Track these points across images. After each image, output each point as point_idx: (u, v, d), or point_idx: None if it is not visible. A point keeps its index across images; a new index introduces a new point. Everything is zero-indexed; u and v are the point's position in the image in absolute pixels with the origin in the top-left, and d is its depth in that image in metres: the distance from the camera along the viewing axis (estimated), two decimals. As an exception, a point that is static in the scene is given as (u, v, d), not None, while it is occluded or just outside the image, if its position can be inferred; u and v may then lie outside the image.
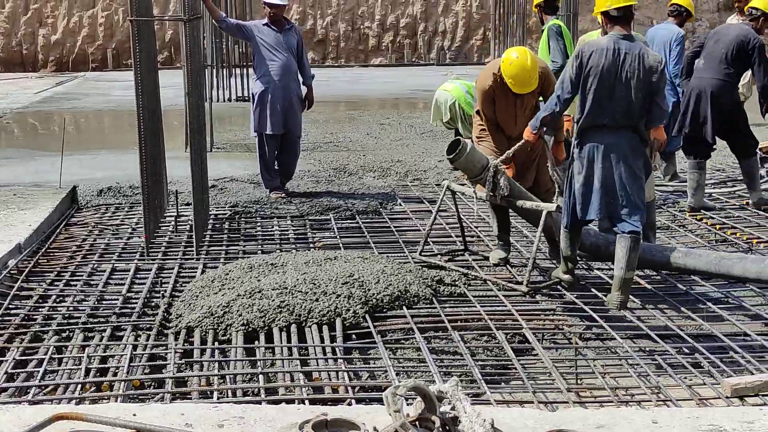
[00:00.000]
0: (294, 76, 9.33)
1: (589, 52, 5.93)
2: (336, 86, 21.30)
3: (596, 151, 5.96)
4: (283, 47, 9.18)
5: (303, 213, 8.66)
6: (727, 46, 8.54)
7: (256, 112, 9.21)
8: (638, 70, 5.87)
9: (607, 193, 5.96)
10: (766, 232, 7.84)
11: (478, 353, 5.27)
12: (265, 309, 5.53)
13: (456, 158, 6.46)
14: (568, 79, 5.99)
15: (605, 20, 6.05)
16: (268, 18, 9.28)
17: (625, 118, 5.92)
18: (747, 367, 4.96)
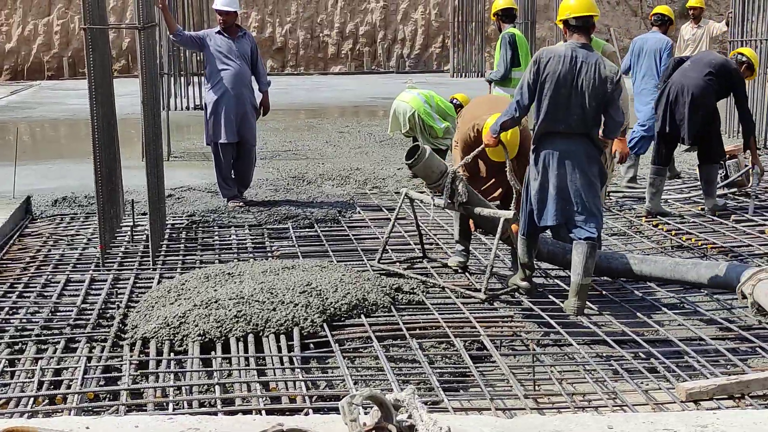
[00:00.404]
0: (247, 84, 9.29)
1: (547, 58, 5.96)
2: (295, 94, 21.28)
3: (551, 157, 5.99)
4: (235, 55, 9.13)
5: (261, 222, 8.62)
6: (713, 58, 8.72)
7: (210, 121, 9.14)
8: (593, 80, 5.90)
9: (563, 199, 5.99)
10: (720, 237, 7.93)
11: (436, 361, 5.27)
12: (222, 319, 5.49)
13: (415, 164, 6.47)
14: (526, 85, 6.01)
15: (565, 29, 6.09)
16: (219, 25, 9.22)
17: (580, 125, 5.96)
18: (702, 371, 5.01)
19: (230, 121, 9.12)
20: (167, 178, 8.82)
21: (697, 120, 8.56)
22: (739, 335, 5.62)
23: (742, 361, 5.16)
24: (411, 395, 3.69)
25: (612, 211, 9.04)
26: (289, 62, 29.00)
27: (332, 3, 29.23)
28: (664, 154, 8.91)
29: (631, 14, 30.96)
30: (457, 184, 6.45)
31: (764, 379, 4.67)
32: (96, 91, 7.02)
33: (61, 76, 26.82)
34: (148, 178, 7.33)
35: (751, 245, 7.64)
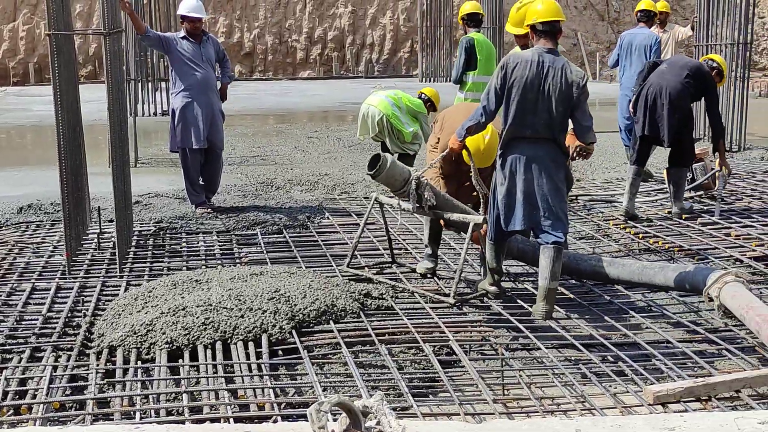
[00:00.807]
0: (214, 89, 9.27)
1: (514, 63, 5.97)
2: (264, 99, 21.23)
3: (518, 162, 6.00)
4: (202, 60, 9.10)
5: (229, 228, 8.58)
6: (688, 61, 8.79)
7: (179, 126, 9.08)
8: (560, 84, 5.93)
9: (530, 204, 6.00)
10: (687, 240, 7.99)
11: (405, 366, 5.25)
12: (190, 326, 5.45)
13: (377, 174, 6.43)
14: (493, 90, 6.01)
15: (531, 34, 6.11)
16: (185, 31, 9.16)
17: (547, 130, 5.98)
18: (669, 374, 5.04)
19: (199, 127, 9.07)
20: (134, 184, 8.75)
21: (674, 122, 8.63)
22: (705, 338, 5.65)
23: (708, 363, 5.20)
24: (379, 401, 3.68)
25: (579, 214, 9.09)
26: (257, 67, 28.93)
27: (300, 8, 29.21)
28: (643, 155, 8.98)
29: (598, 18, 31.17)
30: (422, 190, 6.43)
31: (730, 381, 4.71)
32: (61, 97, 6.97)
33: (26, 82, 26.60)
34: (114, 184, 7.27)
35: (717, 248, 7.70)
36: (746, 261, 7.28)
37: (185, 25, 9.17)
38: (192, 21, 9.08)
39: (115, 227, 7.36)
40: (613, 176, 11.31)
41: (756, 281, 6.71)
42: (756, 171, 11.43)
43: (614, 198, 9.83)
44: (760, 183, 10.58)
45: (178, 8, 9.51)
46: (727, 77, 11.18)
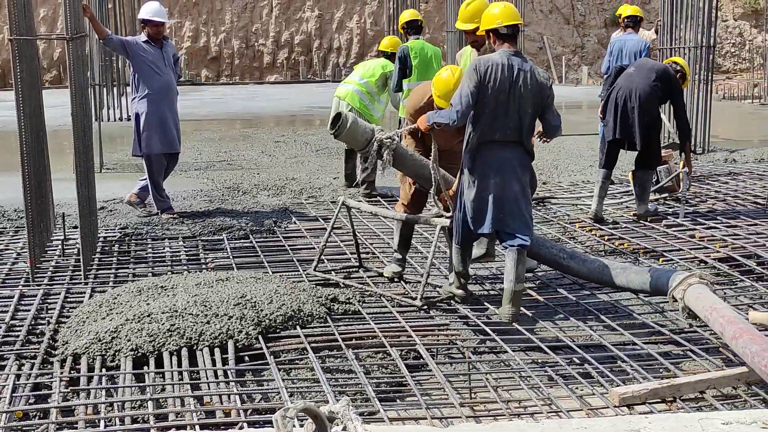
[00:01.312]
0: (176, 92, 9.22)
1: (485, 66, 5.95)
2: (230, 104, 21.16)
3: (489, 166, 6.00)
4: (164, 64, 9.05)
5: (195, 233, 8.53)
6: (655, 64, 8.84)
7: (145, 132, 9.02)
8: (530, 86, 5.96)
9: (498, 208, 6.02)
10: (652, 242, 8.04)
11: (372, 371, 5.25)
12: (155, 333, 5.41)
13: (338, 132, 6.45)
14: (467, 93, 5.92)
15: (494, 38, 6.09)
16: (147, 35, 9.08)
17: (516, 133, 6.00)
18: (635, 375, 5.07)
19: (168, 131, 9.03)
20: (99, 190, 8.68)
21: (643, 125, 8.69)
22: (670, 339, 5.70)
23: (673, 364, 5.23)
24: (346, 407, 3.67)
25: (545, 217, 9.13)
26: (224, 72, 28.82)
27: (267, 12, 29.14)
28: (612, 159, 9.02)
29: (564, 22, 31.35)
30: (383, 152, 6.42)
31: (695, 382, 4.75)
32: (24, 102, 6.89)
33: (-10, 87, 26.32)
34: (78, 190, 7.20)
35: (682, 249, 7.76)
36: (710, 262, 7.35)
37: (147, 30, 9.08)
38: (155, 25, 9.02)
39: (80, 233, 7.30)
40: (578, 179, 11.37)
41: (720, 282, 6.78)
42: (720, 173, 11.54)
43: (580, 200, 9.88)
44: (724, 185, 10.68)
45: (140, 12, 9.44)
46: (690, 80, 11.36)
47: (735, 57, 31.55)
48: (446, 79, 6.40)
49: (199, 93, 24.36)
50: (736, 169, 11.80)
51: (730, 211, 9.19)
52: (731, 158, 12.71)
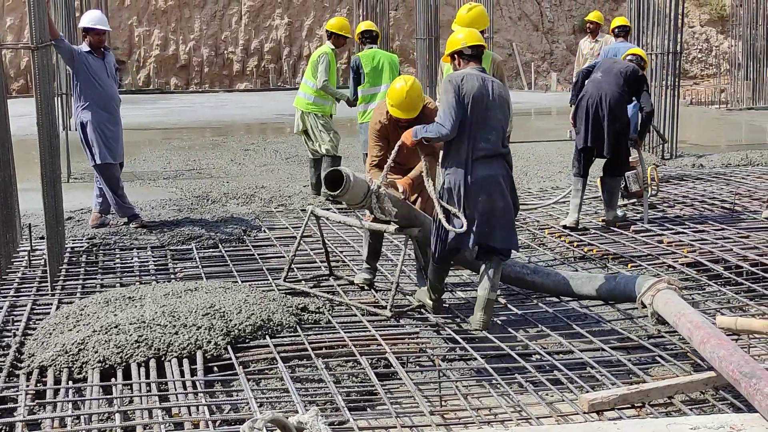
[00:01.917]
0: (118, 102, 9.18)
1: (460, 78, 5.95)
2: (200, 112, 21.05)
3: (475, 183, 5.92)
4: (106, 75, 8.96)
5: (164, 243, 8.48)
6: (622, 66, 8.83)
7: (99, 141, 8.90)
8: (501, 97, 6.03)
9: (484, 223, 5.95)
10: (620, 247, 8.08)
11: (342, 380, 5.23)
12: (122, 344, 5.37)
13: (342, 194, 6.18)
14: (452, 105, 5.87)
15: (459, 59, 6.15)
16: (89, 45, 8.91)
17: (498, 145, 5.99)
18: (604, 381, 5.09)
19: (118, 141, 9.02)
20: (67, 200, 8.61)
21: (612, 132, 8.71)
22: (639, 344, 5.72)
23: (642, 370, 5.25)
24: (314, 417, 3.66)
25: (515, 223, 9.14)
26: (193, 80, 28.70)
27: (236, 20, 29.07)
28: (587, 166, 9.00)
29: (533, 29, 31.51)
30: (383, 203, 6.30)
31: (663, 387, 4.77)
32: (-12, 112, 6.82)
33: (-44, 97, 26.07)
34: (44, 200, 7.13)
35: (650, 255, 7.80)
36: (678, 267, 7.40)
37: (89, 39, 8.91)
38: (97, 34, 8.89)
39: (47, 244, 7.23)
40: (548, 185, 11.42)
41: (688, 287, 6.82)
42: (687, 178, 11.63)
43: (550, 206, 9.92)
44: (692, 190, 10.76)
45: (81, 21, 9.32)
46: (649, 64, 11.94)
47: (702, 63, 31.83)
48: (400, 90, 6.41)
49: (167, 101, 24.24)
50: (704, 174, 11.89)
51: (698, 216, 9.25)
52: (698, 163, 12.81)
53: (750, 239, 8.09)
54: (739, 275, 7.14)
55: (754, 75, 20.93)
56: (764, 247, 7.77)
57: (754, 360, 4.72)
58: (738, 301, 6.54)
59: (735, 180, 11.32)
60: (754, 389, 4.21)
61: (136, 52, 28.39)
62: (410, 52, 26.96)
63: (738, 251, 7.68)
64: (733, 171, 12.07)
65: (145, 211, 9.83)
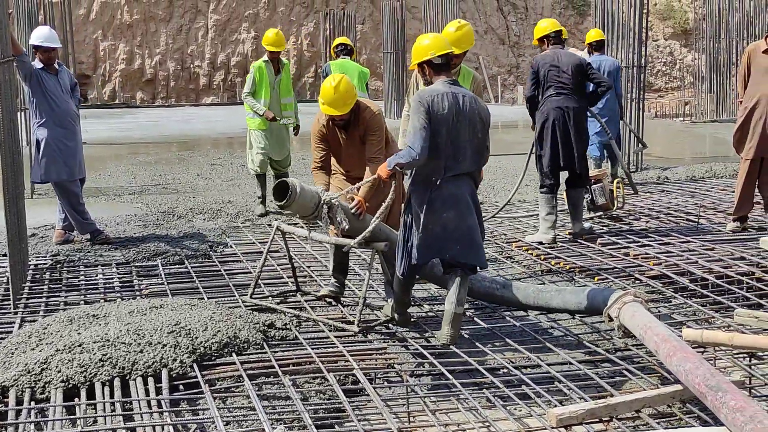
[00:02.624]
0: (75, 118, 9.09)
1: (430, 97, 5.80)
2: (166, 126, 20.95)
3: (443, 201, 5.86)
4: (63, 90, 8.89)
5: (129, 259, 8.39)
6: (570, 75, 8.81)
7: (45, 158, 8.82)
8: (477, 112, 5.90)
9: (453, 240, 5.90)
10: (587, 261, 8.10)
11: (310, 397, 5.19)
12: (86, 363, 5.29)
13: (287, 204, 6.18)
14: (421, 127, 5.75)
15: (429, 70, 5.99)
16: (41, 62, 8.81)
17: (473, 163, 5.93)
18: (571, 396, 5.08)
19: (69, 159, 8.93)
20: (30, 216, 8.51)
21: (581, 146, 8.74)
22: (606, 358, 5.73)
23: (609, 383, 5.26)
24: (280, 436, 3.62)
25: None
26: (159, 94, 28.56)
27: (202, 34, 28.98)
28: (557, 184, 8.97)
29: (499, 42, 31.69)
30: (334, 213, 6.29)
31: (631, 401, 4.77)
32: (-51, 128, 6.73)
33: None
34: (6, 217, 7.04)
35: (616, 267, 7.83)
36: (645, 280, 7.43)
37: (39, 56, 8.82)
38: (46, 51, 8.81)
39: (9, 261, 7.14)
40: (515, 198, 11.43)
41: (654, 300, 6.85)
42: (653, 190, 11.71)
43: (517, 219, 9.95)
44: (657, 202, 10.84)
45: (30, 38, 9.23)
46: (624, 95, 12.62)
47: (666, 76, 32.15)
48: (329, 87, 6.47)
49: (133, 115, 24.10)
50: (669, 187, 11.98)
51: (664, 229, 9.31)
52: (664, 176, 12.90)
53: (715, 252, 8.14)
54: (705, 288, 7.18)
55: (718, 88, 21.17)
56: (729, 260, 7.82)
57: (720, 373, 4.74)
58: (704, 313, 6.58)
59: (700, 192, 11.40)
60: (720, 402, 4.22)
61: (101, 67, 28.21)
62: (377, 66, 27.01)
63: (703, 264, 7.73)
64: (698, 184, 12.17)
65: (110, 227, 9.74)
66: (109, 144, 17.74)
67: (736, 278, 7.30)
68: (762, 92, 8.73)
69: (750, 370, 5.35)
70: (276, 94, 10.69)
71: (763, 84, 8.72)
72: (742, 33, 21.06)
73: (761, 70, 8.74)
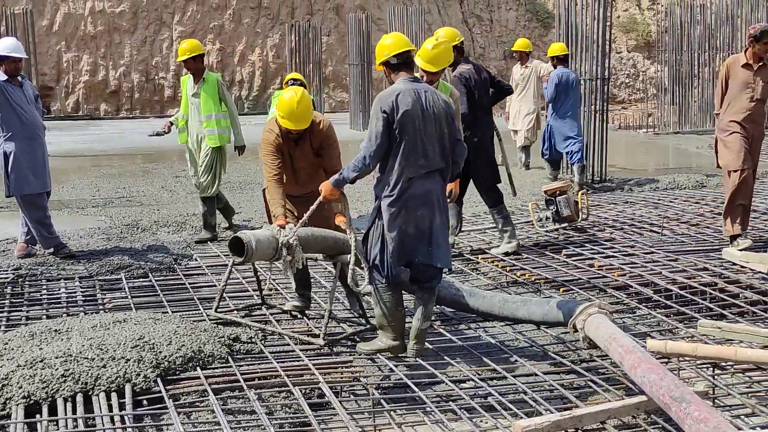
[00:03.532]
0: (42, 129, 9.00)
1: (389, 98, 5.77)
2: (130, 138, 20.82)
3: (414, 199, 5.83)
4: (27, 102, 8.80)
5: (92, 273, 8.31)
6: (486, 90, 8.82)
7: (14, 173, 8.72)
8: (440, 107, 5.88)
9: (422, 239, 5.87)
10: (552, 272, 8.13)
11: (275, 411, 5.16)
12: (48, 379, 5.23)
13: (247, 260, 6.19)
14: (376, 135, 5.74)
15: (388, 71, 6.01)
16: (5, 73, 8.69)
17: (441, 160, 5.89)
18: (537, 408, 5.09)
19: (38, 171, 8.84)
20: (-9, 230, 8.41)
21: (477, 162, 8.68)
22: (572, 369, 5.75)
23: (574, 395, 5.28)
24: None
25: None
26: (123, 106, 28.38)
27: (167, 45, 28.84)
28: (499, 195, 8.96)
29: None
30: (294, 253, 6.25)
31: (596, 412, 4.79)
32: None
33: None
34: (-33, 231, 6.96)
35: (581, 279, 7.86)
36: (609, 291, 7.47)
37: (4, 67, 8.70)
38: (13, 62, 8.70)
39: (-31, 276, 7.04)
40: (481, 210, 11.46)
41: (619, 311, 6.89)
42: (617, 202, 11.79)
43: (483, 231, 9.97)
44: (621, 213, 10.91)
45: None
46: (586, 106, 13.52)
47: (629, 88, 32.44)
48: (290, 100, 6.40)
49: (97, 127, 23.91)
50: (632, 198, 12.07)
51: (628, 240, 9.37)
52: (627, 187, 13.01)
53: (678, 262, 8.21)
54: (669, 298, 7.23)
55: (680, 100, 21.40)
56: (693, 271, 7.89)
57: (684, 384, 4.77)
58: (668, 324, 6.62)
59: (663, 204, 11.50)
60: (684, 413, 4.25)
61: (64, 78, 27.98)
62: (343, 78, 27.02)
63: (667, 275, 7.78)
64: (661, 195, 12.27)
65: (73, 240, 9.64)
66: (72, 156, 17.59)
67: (699, 289, 7.37)
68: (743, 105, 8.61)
69: (713, 381, 5.39)
70: (195, 109, 9.83)
71: (742, 97, 8.63)
72: (703, 45, 21.33)
73: (739, 83, 8.65)
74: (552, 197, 9.93)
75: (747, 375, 5.55)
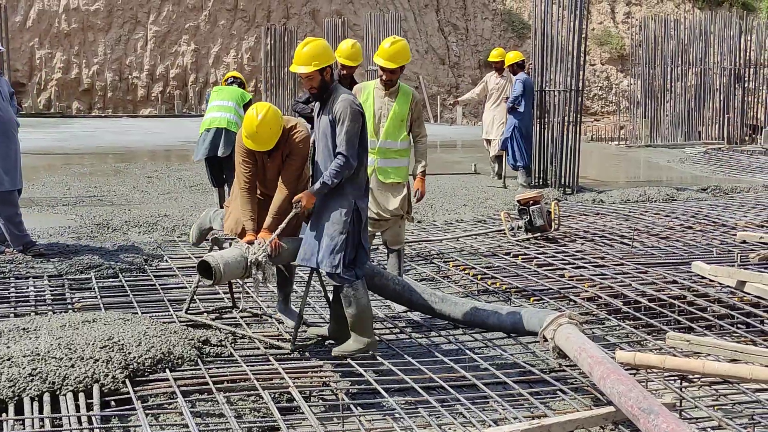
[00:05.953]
0: (16, 126, 8.92)
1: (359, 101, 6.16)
2: (102, 137, 20.69)
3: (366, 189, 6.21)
4: (2, 98, 8.73)
5: (61, 272, 8.24)
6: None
7: (0, 169, 8.66)
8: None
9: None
10: (523, 281, 8.17)
11: (244, 415, 5.14)
12: (15, 378, 5.18)
13: (217, 282, 6.14)
14: (355, 135, 5.97)
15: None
16: None
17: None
18: (506, 415, 5.11)
19: (15, 167, 8.78)
20: (-41, 226, 8.31)
21: None
22: (541, 378, 5.77)
23: (544, 404, 5.30)
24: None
25: (420, 255, 9.19)
26: (96, 104, 28.21)
27: (141, 45, 28.72)
28: None
29: (439, 62, 31.92)
30: (264, 270, 6.19)
31: (564, 422, 4.81)
32: None
33: None
34: (-65, 227, 6.88)
35: (551, 289, 7.90)
36: (579, 302, 7.51)
37: None
38: None
39: (-64, 272, 6.96)
40: (453, 217, 11.51)
41: (588, 322, 6.93)
42: (588, 213, 11.87)
43: (455, 239, 9.99)
44: (592, 225, 10.98)
45: None
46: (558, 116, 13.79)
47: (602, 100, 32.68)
48: (251, 120, 6.14)
49: (69, 125, 23.74)
50: (604, 210, 12.15)
51: (598, 251, 9.43)
52: (599, 199, 13.09)
53: (648, 275, 8.27)
54: (638, 310, 7.28)
55: (652, 113, 21.60)
56: (662, 283, 7.95)
57: (652, 395, 4.80)
58: (636, 335, 6.67)
59: (634, 216, 11.59)
60: (652, 425, 4.28)
61: (36, 75, 27.78)
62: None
63: (636, 286, 7.84)
64: (632, 207, 12.36)
65: (43, 238, 9.57)
66: (42, 154, 17.45)
67: (668, 301, 7.42)
68: None
69: (681, 393, 5.44)
70: None
71: None
72: (676, 60, 21.54)
73: None
74: (525, 206, 9.97)
75: (713, 388, 5.60)
